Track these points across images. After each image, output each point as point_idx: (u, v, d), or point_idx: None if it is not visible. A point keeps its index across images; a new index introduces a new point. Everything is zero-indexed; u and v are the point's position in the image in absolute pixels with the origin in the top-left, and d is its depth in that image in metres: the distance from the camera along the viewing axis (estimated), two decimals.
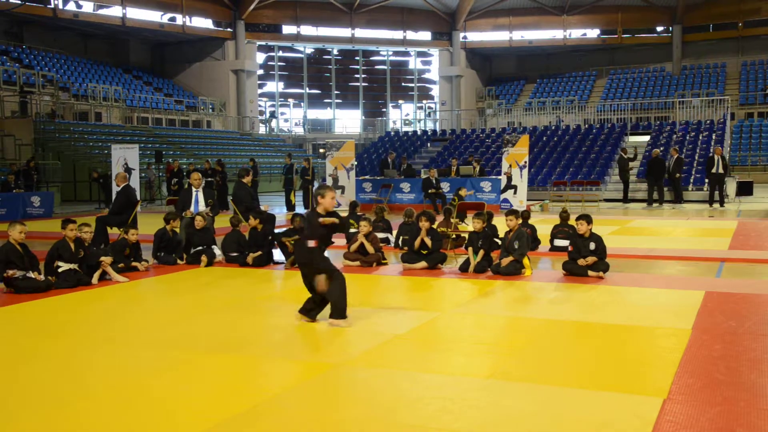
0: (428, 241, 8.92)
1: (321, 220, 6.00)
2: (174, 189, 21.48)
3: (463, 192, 16.19)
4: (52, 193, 20.38)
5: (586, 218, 8.39)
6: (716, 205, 18.89)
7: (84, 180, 23.59)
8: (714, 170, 18.83)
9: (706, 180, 19.93)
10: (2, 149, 23.89)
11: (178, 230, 9.88)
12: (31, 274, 7.61)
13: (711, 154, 19.69)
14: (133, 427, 3.83)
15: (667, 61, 39.82)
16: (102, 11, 34.00)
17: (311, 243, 6.00)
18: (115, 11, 34.22)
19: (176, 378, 4.71)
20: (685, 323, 5.93)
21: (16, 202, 17.84)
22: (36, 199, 18.47)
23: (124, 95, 32.95)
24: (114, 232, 10.68)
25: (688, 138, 24.51)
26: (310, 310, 6.15)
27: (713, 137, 24.20)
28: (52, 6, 32.12)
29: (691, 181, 21.60)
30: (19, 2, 31.03)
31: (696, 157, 22.83)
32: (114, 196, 11.93)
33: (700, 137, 24.45)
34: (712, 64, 38.86)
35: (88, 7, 33.66)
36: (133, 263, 9.01)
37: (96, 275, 8.14)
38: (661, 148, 22.69)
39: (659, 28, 40.94)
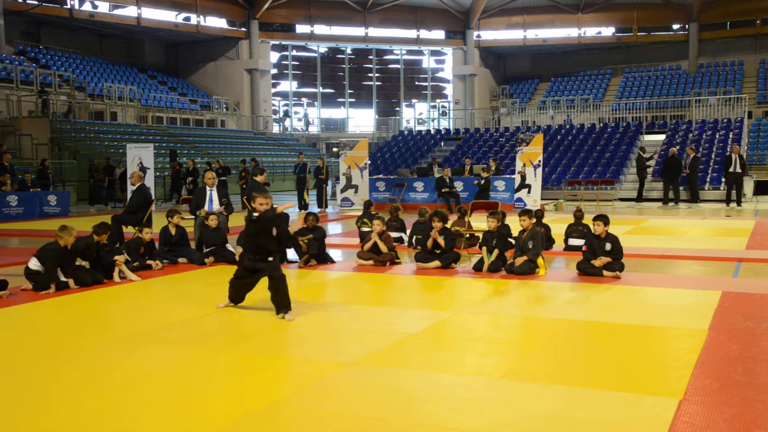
0: (441, 241, 8.89)
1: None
2: (189, 188, 21.67)
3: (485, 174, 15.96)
4: (68, 192, 20.57)
5: (603, 219, 8.32)
6: (733, 205, 18.70)
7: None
8: (732, 169, 18.63)
9: (723, 179, 19.72)
10: (19, 149, 24.13)
11: (180, 224, 9.88)
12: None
13: (729, 153, 19.48)
14: (149, 425, 3.85)
15: (683, 59, 39.44)
16: (117, 11, 34.25)
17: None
18: (130, 11, 34.45)
19: (190, 376, 4.73)
20: (701, 323, 5.87)
21: (33, 201, 18.03)
22: (52, 198, 18.65)
23: (139, 95, 33.17)
24: (129, 230, 10.74)
25: (704, 137, 24.28)
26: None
27: (730, 136, 23.95)
28: (69, 6, 32.39)
29: (708, 180, 21.39)
30: (36, 3, 31.31)
31: (713, 156, 22.60)
32: (129, 195, 12.00)
33: (717, 136, 24.20)
34: (729, 62, 38.44)
35: (103, 8, 33.92)
36: (148, 261, 9.07)
37: (116, 273, 8.22)
38: (677, 147, 22.49)
39: (675, 26, 40.56)
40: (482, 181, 17.79)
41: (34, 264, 7.65)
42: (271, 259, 6.35)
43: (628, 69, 40.85)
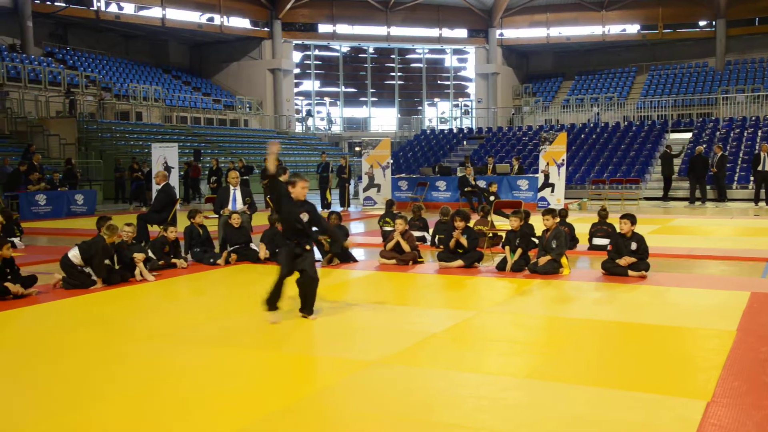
0: (463, 241, 8.86)
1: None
2: (212, 188, 21.88)
3: (493, 188, 16.19)
4: (95, 191, 20.88)
5: (630, 218, 8.23)
6: (762, 204, 18.38)
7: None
8: (760, 168, 18.33)
9: (752, 178, 19.40)
10: (47, 148, 24.54)
11: (204, 223, 9.97)
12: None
13: (757, 152, 19.16)
14: (175, 423, 3.89)
15: (710, 56, 38.83)
16: (142, 12, 34.67)
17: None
18: (155, 12, 34.86)
19: (215, 375, 4.77)
20: (729, 324, 5.78)
21: (61, 200, 18.33)
22: (79, 197, 18.94)
23: (164, 95, 33.53)
24: (154, 229, 10.86)
25: (732, 135, 23.90)
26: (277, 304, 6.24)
27: (759, 134, 23.54)
28: (95, 8, 32.86)
29: (736, 179, 21.05)
30: (64, 5, 31.81)
31: (741, 155, 22.24)
32: (154, 195, 12.12)
33: (745, 134, 23.81)
34: (757, 59, 37.75)
35: (129, 9, 34.36)
36: (173, 260, 9.16)
37: (137, 271, 8.30)
38: (704, 146, 22.16)
39: (702, 23, 39.96)
40: (491, 197, 17.11)
41: (73, 255, 7.76)
42: (308, 247, 6.19)
43: (653, 66, 40.33)
